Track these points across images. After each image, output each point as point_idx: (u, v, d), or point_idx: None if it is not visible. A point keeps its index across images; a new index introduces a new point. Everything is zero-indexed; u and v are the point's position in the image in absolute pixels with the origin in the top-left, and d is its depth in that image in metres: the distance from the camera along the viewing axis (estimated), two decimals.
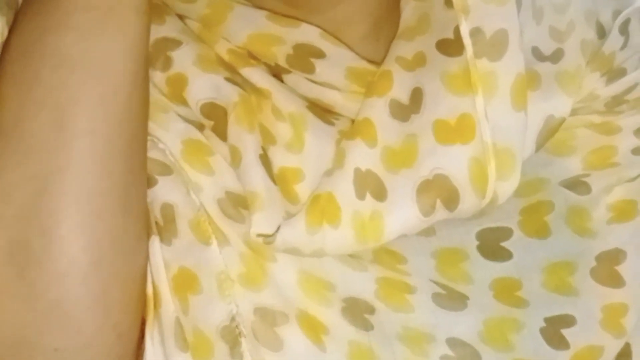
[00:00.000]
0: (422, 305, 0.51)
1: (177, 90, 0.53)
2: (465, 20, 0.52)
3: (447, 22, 0.53)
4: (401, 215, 0.51)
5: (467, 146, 0.51)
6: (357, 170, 0.51)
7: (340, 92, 0.54)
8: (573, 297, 0.53)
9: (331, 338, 0.50)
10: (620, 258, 0.54)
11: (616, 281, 0.53)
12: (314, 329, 0.50)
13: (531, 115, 0.52)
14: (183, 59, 0.54)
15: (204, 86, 0.53)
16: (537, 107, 0.52)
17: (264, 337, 0.50)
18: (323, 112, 0.54)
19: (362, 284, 0.51)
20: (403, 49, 0.54)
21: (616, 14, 0.56)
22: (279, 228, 0.50)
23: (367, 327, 0.51)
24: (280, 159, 0.52)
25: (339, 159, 0.52)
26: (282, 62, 0.54)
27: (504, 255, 0.53)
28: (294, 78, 0.54)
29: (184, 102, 0.53)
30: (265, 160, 0.51)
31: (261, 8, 0.56)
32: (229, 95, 0.53)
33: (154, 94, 0.54)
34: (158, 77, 0.54)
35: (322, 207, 0.50)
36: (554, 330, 0.52)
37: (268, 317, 0.50)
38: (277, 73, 0.55)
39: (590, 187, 0.55)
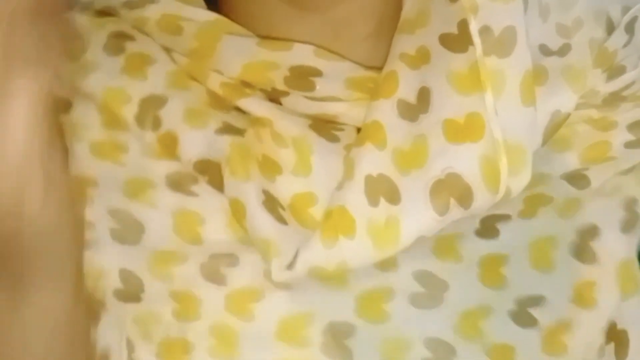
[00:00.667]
0: (399, 312, 0.52)
1: (170, 149, 0.54)
2: (474, 19, 0.53)
3: (450, 16, 0.54)
4: (417, 217, 0.51)
5: (477, 144, 0.52)
6: (369, 177, 0.52)
7: (343, 102, 0.55)
8: (548, 275, 0.54)
9: None
10: (595, 234, 0.55)
11: (589, 257, 0.55)
12: None
13: (538, 110, 0.53)
14: (172, 116, 0.54)
15: (196, 143, 0.53)
16: (544, 102, 0.54)
17: None
18: (327, 128, 0.54)
19: (341, 304, 0.52)
20: (405, 44, 0.55)
21: (625, 10, 0.58)
22: (297, 253, 0.51)
23: (347, 357, 0.51)
24: (290, 186, 0.52)
25: (349, 170, 0.52)
26: (280, 85, 0.54)
27: (492, 233, 0.54)
28: (293, 99, 0.55)
29: (177, 159, 0.54)
30: (269, 205, 0.52)
31: (256, 14, 0.56)
32: (221, 149, 0.53)
33: (139, 172, 0.54)
34: (149, 136, 0.54)
35: (336, 221, 0.51)
36: (522, 310, 0.53)
37: None
38: (274, 98, 0.55)
39: (589, 180, 0.56)
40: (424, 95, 0.53)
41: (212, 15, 0.57)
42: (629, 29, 0.57)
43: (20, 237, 0.41)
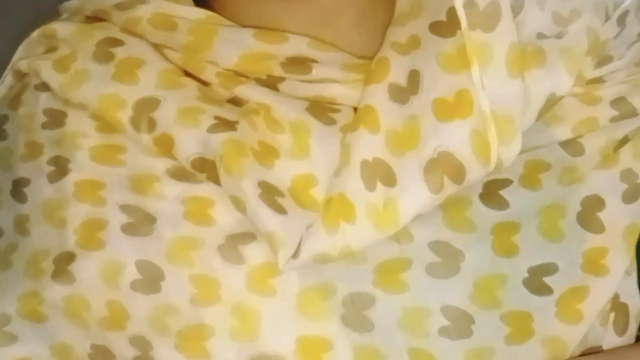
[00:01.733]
0: (417, 281, 0.53)
1: (166, 149, 0.55)
2: None
3: (440, 5, 0.56)
4: (413, 197, 0.53)
5: (467, 120, 0.53)
6: (364, 163, 0.53)
7: (340, 83, 0.56)
8: (557, 244, 0.55)
9: (335, 353, 0.52)
10: (601, 205, 0.56)
11: (598, 227, 0.56)
12: (313, 353, 0.52)
13: (535, 91, 0.55)
14: (165, 118, 0.55)
15: (190, 143, 0.55)
16: (541, 84, 0.55)
17: None
18: (324, 110, 0.55)
19: (360, 275, 0.53)
20: (397, 34, 0.57)
21: (616, 5, 0.59)
22: (300, 241, 0.52)
23: (368, 327, 0.53)
24: (290, 169, 0.54)
25: (345, 156, 0.53)
26: (277, 71, 0.56)
27: (501, 203, 0.55)
28: (290, 84, 0.56)
29: (174, 159, 0.55)
30: (266, 197, 0.53)
31: (245, 6, 0.58)
32: (214, 148, 0.54)
33: (140, 168, 0.56)
34: (145, 139, 0.55)
35: (336, 208, 0.52)
36: (537, 279, 0.54)
37: None
38: (270, 85, 0.56)
39: (583, 147, 0.57)
40: (414, 78, 0.55)
41: (204, 13, 0.58)
42: (621, 21, 0.59)
43: None
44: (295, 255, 0.52)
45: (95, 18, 0.60)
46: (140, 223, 0.54)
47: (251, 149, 0.54)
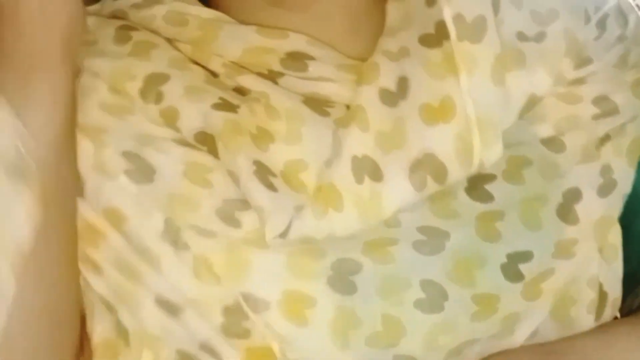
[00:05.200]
0: (402, 254, 0.56)
1: (171, 121, 0.58)
2: (448, 7, 0.58)
3: (428, 19, 0.60)
4: (397, 192, 0.57)
5: (450, 124, 0.57)
6: (354, 158, 0.57)
7: (334, 82, 0.59)
8: (536, 233, 0.58)
9: (317, 310, 0.55)
10: (578, 197, 0.59)
11: (573, 218, 0.59)
12: (296, 307, 0.55)
13: (516, 92, 0.58)
14: (173, 92, 0.59)
15: (194, 117, 0.58)
16: (522, 85, 0.59)
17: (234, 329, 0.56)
18: (319, 104, 0.59)
19: (350, 245, 0.56)
20: (388, 44, 0.60)
21: (597, 8, 0.62)
22: (290, 223, 0.55)
23: (350, 291, 0.56)
24: (283, 154, 0.57)
25: (336, 149, 0.57)
26: (276, 67, 0.60)
27: (486, 197, 0.58)
28: (288, 80, 0.60)
29: (179, 131, 0.58)
30: (260, 175, 0.56)
31: (246, 13, 0.61)
32: (215, 124, 0.58)
33: (146, 130, 0.59)
34: (152, 109, 0.59)
35: (326, 196, 0.56)
36: (512, 265, 0.57)
37: (250, 302, 0.55)
38: (271, 79, 0.60)
39: (565, 144, 0.60)
40: (403, 84, 0.58)
41: (214, 13, 0.62)
42: (601, 24, 0.61)
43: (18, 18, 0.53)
44: (283, 234, 0.55)
45: (113, 16, 0.63)
46: (141, 171, 0.57)
47: (249, 132, 0.57)
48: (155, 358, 0.57)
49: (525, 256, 0.57)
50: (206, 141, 0.58)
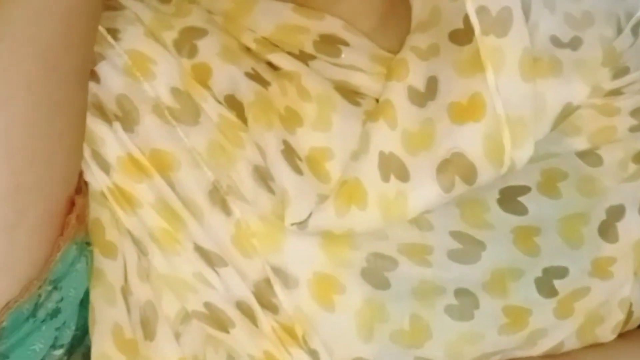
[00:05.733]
0: (439, 262, 0.55)
1: (203, 78, 0.57)
2: (471, 0, 0.55)
3: (456, 12, 0.57)
4: (423, 193, 0.54)
5: (480, 123, 0.54)
6: (382, 154, 0.55)
7: (365, 73, 0.57)
8: (576, 250, 0.56)
9: (345, 297, 0.54)
10: (622, 214, 0.57)
11: (613, 236, 0.57)
12: (325, 290, 0.54)
13: (551, 100, 0.55)
14: (208, 48, 0.57)
15: (226, 79, 0.57)
16: (558, 93, 0.56)
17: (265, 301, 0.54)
18: (350, 92, 0.57)
19: (385, 244, 0.55)
20: (417, 40, 0.58)
21: (629, 16, 0.59)
22: (310, 214, 0.54)
23: (384, 286, 0.54)
24: (309, 139, 0.55)
25: (364, 143, 0.55)
26: (309, 48, 0.58)
27: (520, 209, 0.56)
28: (320, 64, 0.58)
29: (209, 89, 0.57)
30: (287, 155, 0.55)
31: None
32: (245, 93, 0.56)
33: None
34: (185, 63, 0.57)
35: (350, 192, 0.54)
36: (547, 280, 0.56)
37: (280, 277, 0.54)
38: (302, 60, 0.58)
39: (602, 158, 0.58)
40: (432, 84, 0.56)
41: None
42: (635, 31, 0.58)
43: None
44: (302, 225, 0.54)
45: None
46: (187, 113, 0.56)
47: (278, 112, 0.56)
48: (177, 305, 0.55)
49: (561, 272, 0.56)
50: (235, 106, 0.56)
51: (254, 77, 0.57)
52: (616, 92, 0.58)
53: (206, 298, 0.55)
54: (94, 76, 0.56)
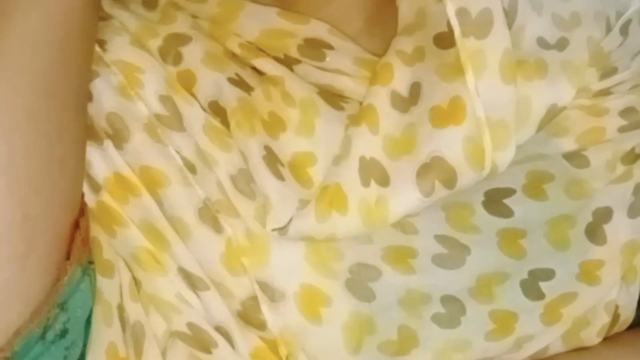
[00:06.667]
0: (423, 267, 0.55)
1: (188, 85, 0.57)
2: (450, 2, 0.54)
3: (440, 15, 0.56)
4: (404, 198, 0.54)
5: (460, 126, 0.54)
6: (362, 159, 0.54)
7: (350, 77, 0.57)
8: (562, 252, 0.56)
9: (332, 310, 0.54)
10: (609, 217, 0.57)
11: (601, 239, 0.56)
12: (312, 303, 0.54)
13: (536, 102, 0.55)
14: (192, 55, 0.57)
15: (210, 86, 0.56)
16: (543, 95, 0.55)
17: (252, 319, 0.54)
18: (333, 97, 0.57)
19: (369, 251, 0.55)
20: (403, 43, 0.57)
21: (619, 15, 0.58)
22: (291, 219, 0.54)
23: (369, 298, 0.54)
24: (292, 144, 0.55)
25: (345, 148, 0.55)
26: (293, 52, 0.58)
27: (505, 212, 0.56)
28: (304, 68, 0.58)
29: (194, 96, 0.57)
30: (269, 160, 0.55)
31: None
32: (228, 99, 0.56)
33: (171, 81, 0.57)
34: (169, 70, 0.57)
35: (331, 197, 0.54)
36: (533, 283, 0.56)
37: (267, 293, 0.54)
38: (286, 64, 0.58)
39: (589, 160, 0.57)
40: (415, 90, 0.55)
41: None
42: (624, 31, 0.57)
43: None
44: (282, 231, 0.54)
45: None
46: (172, 119, 0.56)
47: (261, 117, 0.56)
48: (165, 325, 0.56)
49: (547, 274, 0.56)
50: (218, 112, 0.56)
51: (237, 82, 0.57)
52: (605, 92, 0.58)
53: (189, 318, 0.55)
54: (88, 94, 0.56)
